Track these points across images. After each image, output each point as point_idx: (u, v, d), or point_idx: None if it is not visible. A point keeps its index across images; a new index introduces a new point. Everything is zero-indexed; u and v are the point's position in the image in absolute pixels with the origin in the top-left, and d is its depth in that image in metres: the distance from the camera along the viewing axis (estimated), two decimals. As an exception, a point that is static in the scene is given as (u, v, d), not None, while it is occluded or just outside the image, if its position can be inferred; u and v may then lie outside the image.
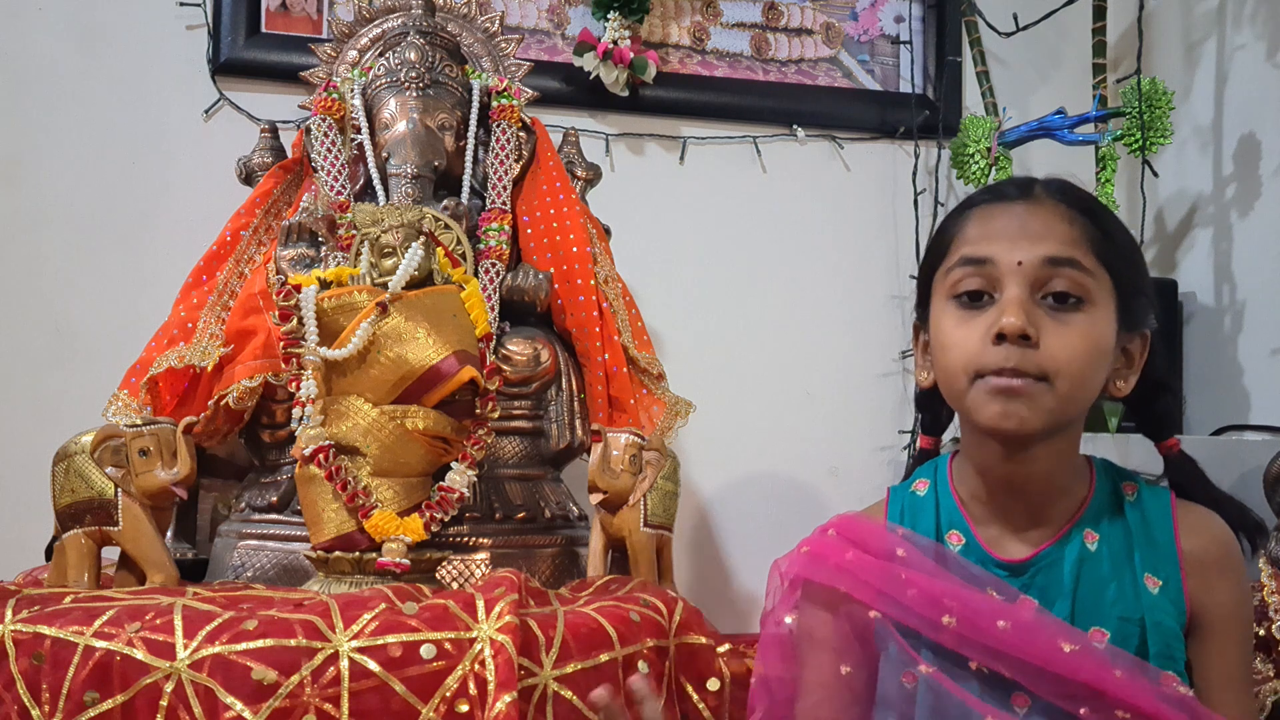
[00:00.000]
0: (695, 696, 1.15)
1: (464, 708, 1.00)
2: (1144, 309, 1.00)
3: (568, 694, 1.04)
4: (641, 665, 1.09)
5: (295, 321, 1.29)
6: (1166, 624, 0.95)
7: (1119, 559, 0.97)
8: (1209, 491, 1.03)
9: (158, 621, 1.02)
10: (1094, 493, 1.01)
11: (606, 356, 1.50)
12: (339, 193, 1.48)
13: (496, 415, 1.35)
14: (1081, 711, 0.90)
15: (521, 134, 1.58)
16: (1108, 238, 0.97)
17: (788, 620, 1.03)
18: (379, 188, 1.50)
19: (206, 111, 1.86)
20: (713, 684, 1.16)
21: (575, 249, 1.53)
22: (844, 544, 1.01)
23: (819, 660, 1.00)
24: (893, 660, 0.96)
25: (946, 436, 1.14)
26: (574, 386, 1.50)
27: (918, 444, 1.14)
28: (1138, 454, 1.49)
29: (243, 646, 0.99)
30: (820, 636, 1.00)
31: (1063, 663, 0.91)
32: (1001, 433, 0.95)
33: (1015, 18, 2.01)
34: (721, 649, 1.19)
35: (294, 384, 1.28)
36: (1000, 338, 0.93)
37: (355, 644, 1.01)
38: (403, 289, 1.31)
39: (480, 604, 1.06)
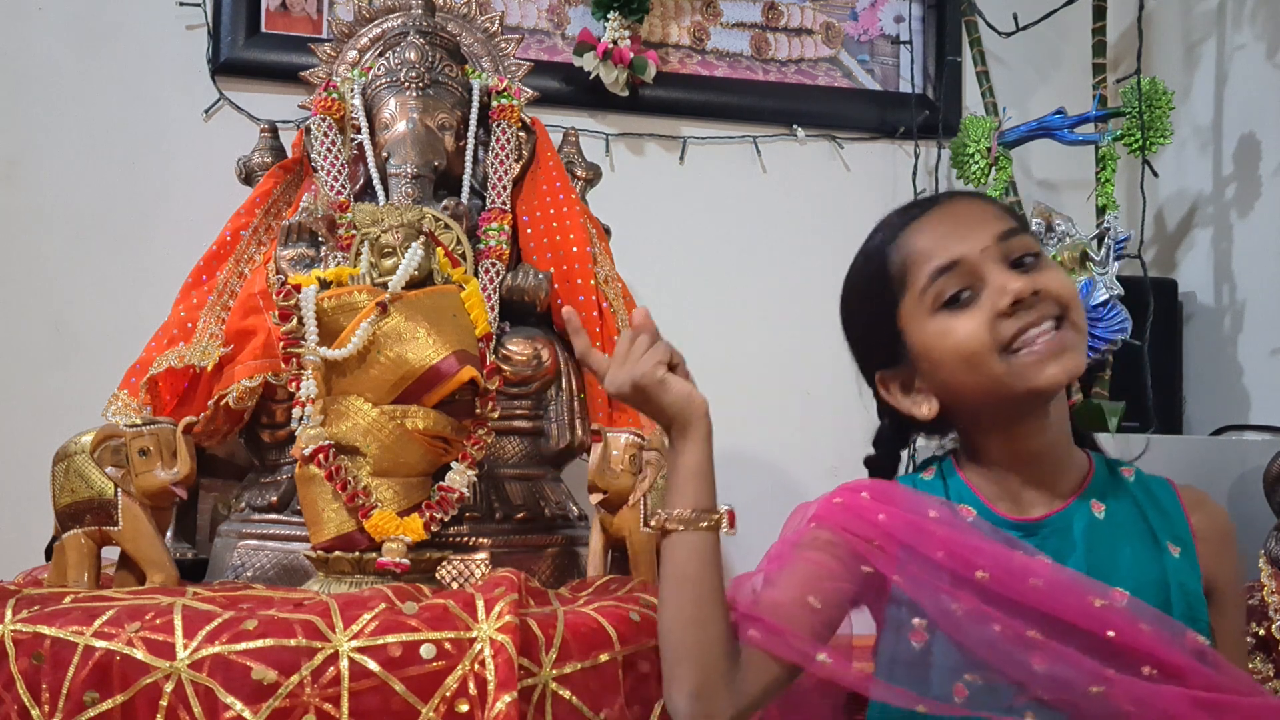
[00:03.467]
0: None
1: (464, 708, 1.00)
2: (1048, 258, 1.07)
3: (567, 694, 1.04)
4: (643, 665, 1.09)
5: (295, 321, 1.29)
6: (1190, 586, 0.99)
7: (1131, 527, 1.02)
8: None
9: (158, 621, 1.02)
10: (1094, 470, 1.06)
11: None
12: (339, 192, 1.48)
13: (496, 415, 1.35)
14: (1109, 673, 0.92)
15: (521, 134, 1.58)
16: (1008, 207, 1.08)
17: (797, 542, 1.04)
18: (379, 187, 1.50)
19: (206, 111, 1.86)
20: None
21: (575, 249, 1.53)
22: (877, 505, 1.03)
23: (811, 560, 1.01)
24: (902, 620, 0.97)
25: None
26: (574, 386, 1.49)
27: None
28: (1139, 454, 1.50)
29: (243, 646, 0.99)
30: (820, 557, 1.01)
31: (1093, 616, 0.93)
32: (1057, 388, 1.00)
33: (1015, 17, 2.01)
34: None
35: (294, 384, 1.28)
36: (1015, 307, 0.97)
37: (355, 644, 1.00)
38: (403, 289, 1.31)
39: (480, 604, 1.06)
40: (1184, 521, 1.03)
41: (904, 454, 1.17)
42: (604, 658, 1.07)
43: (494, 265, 1.47)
